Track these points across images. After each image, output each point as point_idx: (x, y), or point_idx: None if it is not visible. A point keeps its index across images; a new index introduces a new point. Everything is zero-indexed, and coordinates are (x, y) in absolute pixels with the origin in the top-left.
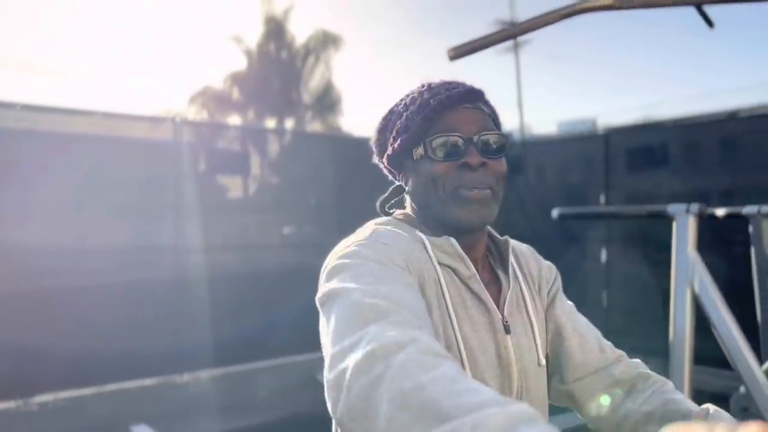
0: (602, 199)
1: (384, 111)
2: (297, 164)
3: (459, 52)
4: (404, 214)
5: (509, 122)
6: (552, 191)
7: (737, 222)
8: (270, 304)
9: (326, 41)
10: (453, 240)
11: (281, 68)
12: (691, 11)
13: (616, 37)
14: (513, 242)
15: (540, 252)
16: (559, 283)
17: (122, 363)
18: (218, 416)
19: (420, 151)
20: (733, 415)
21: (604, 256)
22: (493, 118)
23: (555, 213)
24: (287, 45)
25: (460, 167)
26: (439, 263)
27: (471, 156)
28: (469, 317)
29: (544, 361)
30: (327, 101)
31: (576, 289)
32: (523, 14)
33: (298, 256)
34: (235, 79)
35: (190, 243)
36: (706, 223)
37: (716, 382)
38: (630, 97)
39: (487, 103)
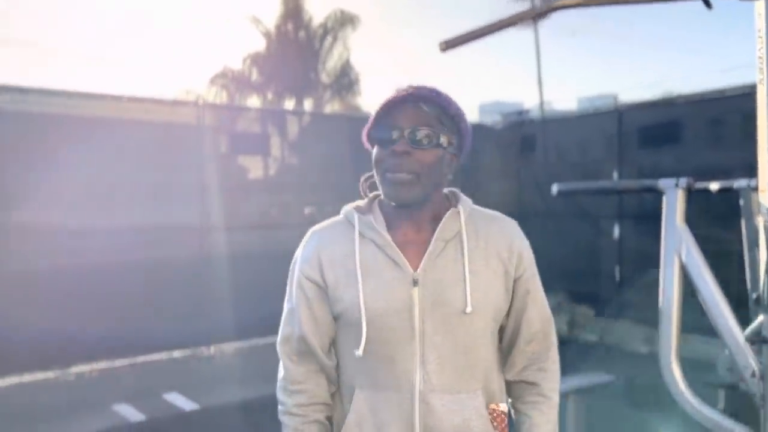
0: (615, 175)
1: None
2: (317, 144)
3: (450, 44)
4: (373, 195)
5: (530, 99)
6: (568, 167)
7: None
8: None
9: (344, 20)
10: (371, 218)
11: (299, 49)
12: None
13: (638, 12)
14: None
15: (551, 228)
16: (526, 265)
17: (151, 336)
18: (243, 385)
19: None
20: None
21: (616, 231)
22: (439, 117)
23: (554, 189)
24: (305, 25)
25: (390, 154)
26: (362, 235)
27: (399, 145)
28: (379, 274)
29: (470, 309)
30: (345, 81)
31: (588, 265)
32: None
33: None
34: (254, 60)
35: (214, 222)
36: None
37: (702, 348)
38: (651, 73)
39: (433, 103)
